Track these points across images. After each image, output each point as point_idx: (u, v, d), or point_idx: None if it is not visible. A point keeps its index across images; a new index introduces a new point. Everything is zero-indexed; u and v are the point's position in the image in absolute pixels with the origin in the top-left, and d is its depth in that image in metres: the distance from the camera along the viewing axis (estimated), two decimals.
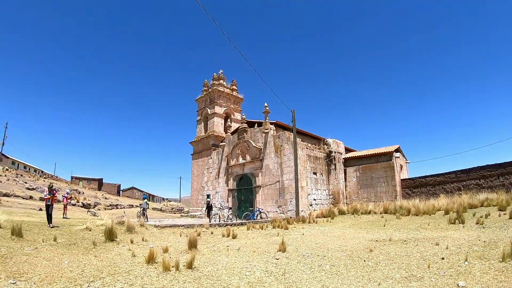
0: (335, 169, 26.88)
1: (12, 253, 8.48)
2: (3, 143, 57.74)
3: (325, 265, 7.66)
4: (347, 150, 31.15)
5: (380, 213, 20.17)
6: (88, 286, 6.22)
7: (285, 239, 11.02)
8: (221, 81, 39.98)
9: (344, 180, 27.47)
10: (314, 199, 24.56)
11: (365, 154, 27.77)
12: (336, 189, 26.56)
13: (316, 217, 20.73)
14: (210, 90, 39.97)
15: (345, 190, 27.29)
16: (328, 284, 6.10)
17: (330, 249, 9.60)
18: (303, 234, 13.70)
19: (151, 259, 8.25)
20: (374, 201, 24.77)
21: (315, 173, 25.42)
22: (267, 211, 23.59)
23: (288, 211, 22.28)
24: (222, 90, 39.49)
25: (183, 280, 6.73)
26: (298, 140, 23.59)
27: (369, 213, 21.07)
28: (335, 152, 27.36)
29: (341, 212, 22.25)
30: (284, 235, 12.97)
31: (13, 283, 6.02)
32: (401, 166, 27.13)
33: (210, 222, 20.32)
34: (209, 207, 23.64)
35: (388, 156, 25.64)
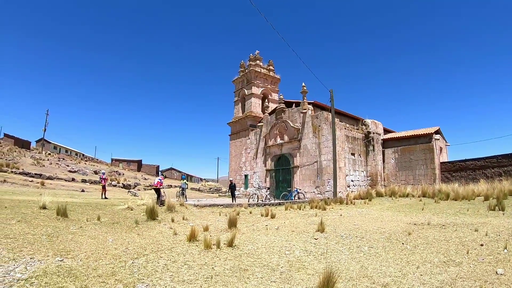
0: (373, 150, 26.44)
1: (58, 232, 8.84)
2: (45, 129, 60.38)
3: (363, 246, 7.74)
4: (386, 131, 30.54)
5: (418, 197, 19.83)
6: (133, 262, 6.49)
7: (323, 220, 11.07)
8: (258, 61, 39.86)
9: (382, 161, 27.01)
10: (352, 181, 24.42)
11: (404, 135, 27.10)
12: (374, 170, 26.22)
13: (354, 199, 20.70)
14: (246, 71, 40.02)
15: (383, 172, 26.85)
16: (367, 265, 6.20)
17: (368, 231, 9.64)
18: (341, 215, 13.77)
19: (192, 237, 8.53)
20: (412, 184, 24.29)
21: (353, 154, 25.18)
22: (305, 192, 23.73)
23: (326, 192, 22.32)
24: (259, 70, 39.39)
25: (224, 257, 6.94)
26: (336, 120, 23.35)
27: (407, 196, 20.76)
28: (373, 133, 26.87)
29: (379, 194, 22.06)
30: (322, 216, 13.04)
31: (60, 260, 6.30)
32: (441, 149, 26.31)
33: (233, 201, 20.74)
34: (232, 187, 24.11)
35: (427, 138, 24.91)
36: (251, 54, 40.51)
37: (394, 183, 25.60)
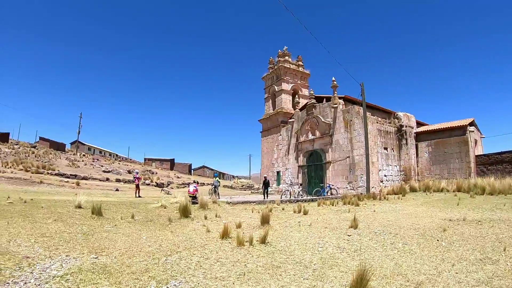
0: (406, 144, 25.82)
1: (93, 230, 9.12)
2: (79, 131, 62.47)
3: (397, 243, 7.65)
4: (419, 124, 29.72)
5: (453, 191, 19.26)
6: (166, 259, 6.62)
7: (356, 216, 11.01)
8: (286, 57, 39.70)
9: (415, 155, 26.34)
10: (385, 175, 24.00)
11: (437, 128, 26.33)
12: (408, 165, 25.61)
13: (387, 194, 20.35)
14: (276, 67, 39.94)
15: (417, 166, 26.19)
16: (401, 263, 6.13)
17: (402, 227, 9.50)
18: (374, 211, 13.61)
19: (225, 234, 8.61)
20: (446, 178, 23.57)
21: (385, 148, 24.73)
22: (337, 187, 23.54)
23: (359, 187, 22.09)
24: (288, 66, 39.24)
25: (257, 254, 7.00)
26: (368, 114, 23.01)
27: (442, 190, 20.21)
28: (406, 126, 26.26)
29: (413, 189, 21.58)
30: (355, 212, 12.97)
31: (95, 258, 6.49)
32: (476, 141, 25.38)
33: (265, 198, 20.80)
34: (265, 184, 24.18)
35: (461, 130, 24.08)
36: (279, 50, 40.36)
37: (428, 177, 24.90)
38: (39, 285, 4.94)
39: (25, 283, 4.97)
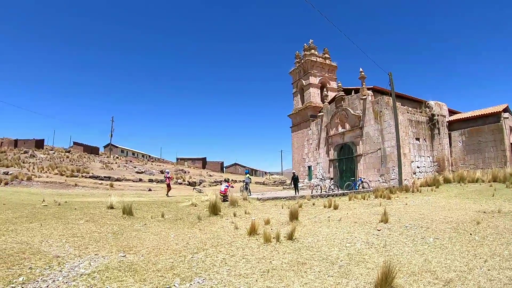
0: (438, 133, 24.87)
1: (123, 230, 9.43)
2: (111, 134, 64.47)
3: (428, 237, 7.40)
4: (451, 112, 28.44)
5: (488, 182, 18.38)
6: (192, 257, 6.71)
7: (387, 210, 10.79)
8: (313, 50, 39.17)
9: (448, 145, 25.27)
10: (418, 167, 23.28)
11: (470, 115, 25.17)
12: (441, 155, 24.69)
13: (420, 186, 19.67)
14: (302, 61, 39.55)
15: (450, 157, 25.16)
16: (430, 259, 5.92)
17: (434, 221, 9.18)
18: (406, 204, 13.24)
19: (252, 231, 8.65)
20: (481, 168, 22.46)
21: (417, 139, 23.97)
22: (369, 181, 23.08)
23: (391, 180, 21.56)
24: (315, 59, 38.72)
25: (283, 251, 6.97)
26: (398, 104, 22.38)
27: (476, 181, 19.35)
28: (437, 115, 25.26)
29: (446, 180, 20.81)
30: (386, 205, 12.67)
31: (123, 256, 6.68)
32: (511, 128, 24.30)
33: (297, 194, 20.67)
34: (295, 180, 24.04)
35: (495, 117, 22.90)
36: (305, 44, 39.88)
37: (462, 167, 23.88)
38: (66, 282, 5.13)
39: (54, 281, 5.18)
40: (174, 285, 5.12)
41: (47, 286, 4.94)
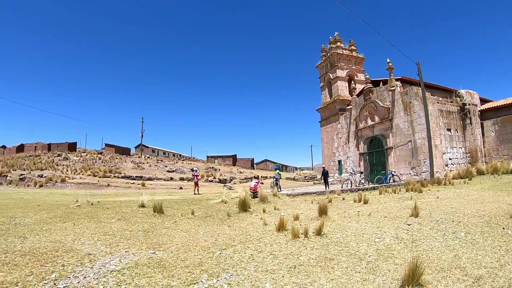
0: (470, 123, 23.98)
1: (153, 227, 9.68)
2: (142, 135, 66.15)
3: (459, 232, 7.23)
4: (482, 101, 27.45)
5: None
6: (220, 253, 6.82)
7: (418, 203, 10.61)
8: (338, 43, 38.65)
9: (481, 135, 24.32)
10: (450, 159, 22.60)
11: (503, 104, 24.15)
12: (473, 146, 23.81)
13: (452, 178, 19.13)
14: (328, 54, 39.11)
15: (483, 147, 24.21)
16: (461, 254, 5.79)
17: (466, 214, 8.95)
18: (437, 197, 12.92)
19: (281, 227, 8.68)
20: None
21: (449, 130, 23.25)
22: (400, 174, 22.65)
23: (422, 172, 21.07)
24: (341, 52, 38.19)
25: (311, 246, 6.98)
26: (427, 94, 21.84)
27: (511, 172, 18.73)
28: (469, 104, 24.41)
29: (480, 172, 20.12)
30: (417, 199, 12.42)
31: (152, 253, 6.87)
32: None
33: (327, 189, 20.53)
34: (324, 174, 23.86)
35: None
36: (330, 37, 39.39)
37: (496, 158, 22.94)
38: (97, 278, 5.34)
39: (85, 277, 5.40)
40: (201, 281, 5.23)
41: (78, 282, 5.15)
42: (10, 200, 17.05)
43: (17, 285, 4.95)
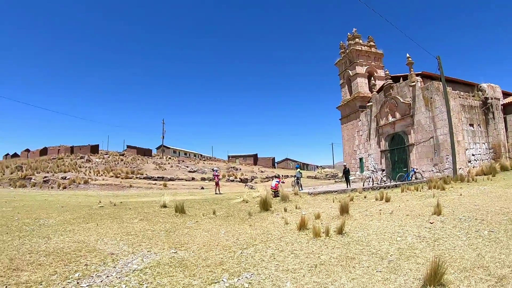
0: (493, 118, 23.41)
1: (175, 227, 9.87)
2: (163, 136, 66.98)
3: (483, 230, 7.13)
4: (505, 94, 26.68)
5: None
6: (241, 252, 6.91)
7: (441, 201, 10.47)
8: (357, 39, 38.28)
9: (504, 130, 23.71)
10: (473, 155, 22.10)
11: None
12: (496, 141, 23.23)
13: (475, 175, 18.75)
14: (347, 51, 38.77)
15: (507, 142, 23.59)
16: (484, 253, 5.72)
17: (489, 212, 8.79)
18: (460, 194, 12.70)
19: (302, 226, 8.73)
20: None
21: (471, 125, 22.72)
22: (422, 171, 22.36)
23: (445, 169, 20.72)
24: (360, 48, 37.82)
25: (332, 245, 7.00)
26: (448, 89, 21.45)
27: None
28: (491, 98, 23.82)
29: (503, 168, 19.62)
30: (440, 197, 12.26)
31: (174, 252, 7.01)
32: None
33: (348, 187, 20.42)
34: (346, 172, 23.73)
35: None
36: (348, 33, 39.07)
37: None
38: (119, 278, 5.50)
39: (107, 276, 5.57)
40: (222, 280, 5.33)
41: (101, 281, 5.32)
42: (34, 202, 17.52)
43: (41, 284, 5.13)
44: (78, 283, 5.24)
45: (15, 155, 66.49)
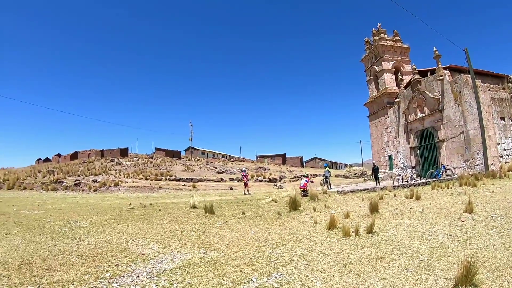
0: None
1: (204, 228, 10.05)
2: (191, 138, 68.05)
3: None
4: None
5: None
6: (271, 252, 6.99)
7: (472, 198, 10.30)
8: (382, 34, 37.56)
9: None
10: (505, 149, 21.31)
11: None
12: None
13: (508, 171, 18.17)
14: (372, 46, 38.12)
15: None
16: None
17: None
18: (492, 191, 12.41)
19: (331, 225, 8.74)
20: None
21: (502, 118, 21.89)
22: (453, 167, 21.82)
23: (476, 165, 20.19)
24: (385, 43, 37.08)
25: (362, 245, 7.00)
26: (478, 82, 20.82)
27: None
28: None
29: None
30: (471, 194, 12.04)
31: (204, 253, 7.15)
32: None
33: (377, 185, 20.21)
34: (375, 170, 23.49)
35: None
36: (373, 29, 38.37)
37: None
38: (150, 277, 5.67)
39: (138, 276, 5.76)
40: (251, 280, 5.42)
41: (132, 281, 5.50)
42: (66, 205, 18.13)
43: (73, 284, 5.34)
44: (109, 282, 5.42)
45: (46, 159, 68.60)
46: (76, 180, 35.78)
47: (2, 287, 5.19)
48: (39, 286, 5.24)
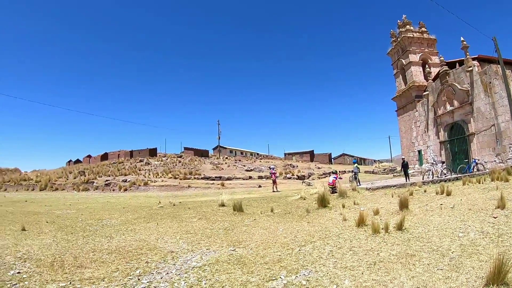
0: None
1: (233, 225, 10.22)
2: (219, 137, 69.20)
3: None
4: None
5: None
6: (299, 250, 7.05)
7: (505, 194, 10.02)
8: (408, 26, 36.79)
9: None
10: None
11: None
12: None
13: None
14: (398, 39, 37.44)
15: None
16: None
17: None
18: None
19: (361, 222, 8.74)
20: None
21: None
22: (484, 162, 21.23)
23: (508, 159, 19.58)
24: (412, 35, 36.31)
25: (392, 242, 6.96)
26: (508, 72, 20.11)
27: None
28: None
29: None
30: (504, 189, 11.70)
31: (232, 250, 7.28)
32: None
33: (407, 181, 19.91)
34: (404, 166, 23.14)
35: None
36: (398, 21, 37.68)
37: None
38: (179, 274, 5.84)
39: (167, 273, 5.94)
40: (280, 277, 5.49)
41: (161, 278, 5.68)
42: (97, 204, 18.68)
43: (103, 280, 5.57)
44: (139, 279, 5.62)
45: (77, 161, 70.88)
46: (107, 180, 36.73)
47: (34, 284, 5.44)
48: (70, 282, 5.48)
